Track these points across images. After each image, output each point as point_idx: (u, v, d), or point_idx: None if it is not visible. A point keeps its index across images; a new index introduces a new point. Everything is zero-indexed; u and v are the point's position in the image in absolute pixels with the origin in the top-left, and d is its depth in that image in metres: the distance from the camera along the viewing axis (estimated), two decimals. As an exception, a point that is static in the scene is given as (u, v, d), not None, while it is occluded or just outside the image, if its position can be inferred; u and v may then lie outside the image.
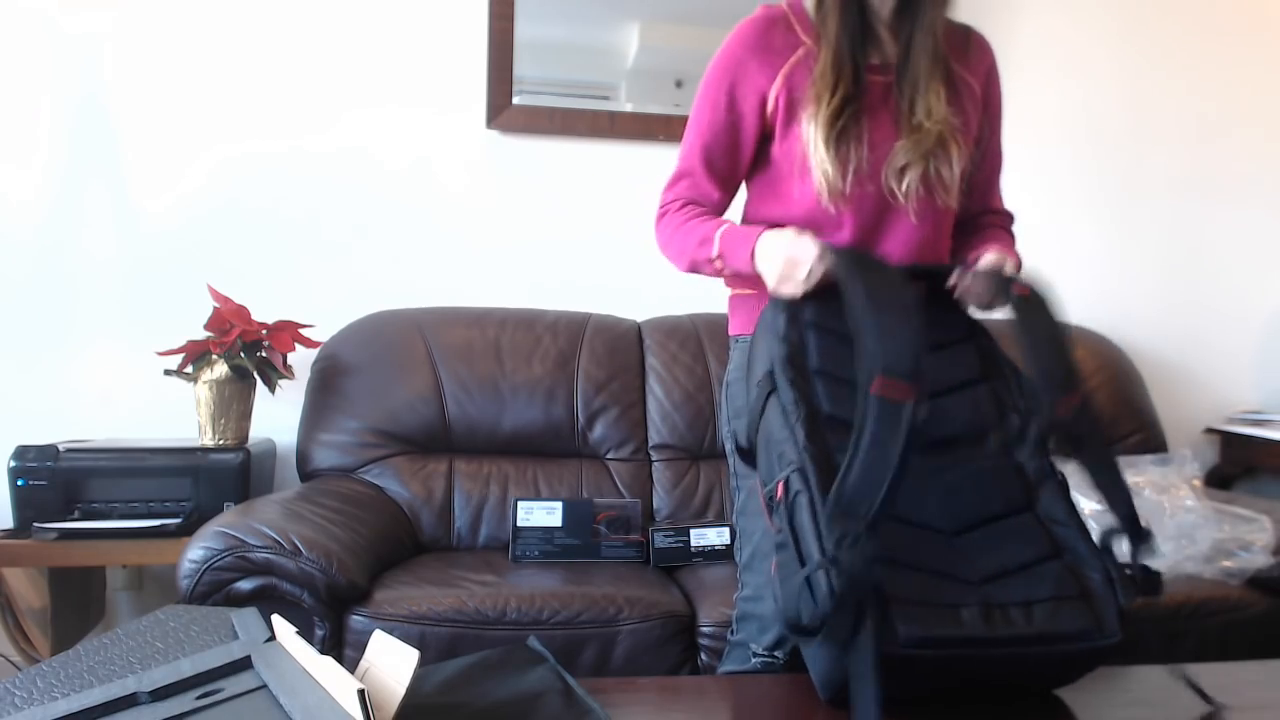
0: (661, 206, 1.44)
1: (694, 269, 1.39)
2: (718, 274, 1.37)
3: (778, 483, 1.04)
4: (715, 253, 1.32)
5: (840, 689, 0.99)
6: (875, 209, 1.33)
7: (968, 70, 1.39)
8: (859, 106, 1.30)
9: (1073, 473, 1.11)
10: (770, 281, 1.24)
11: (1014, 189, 1.57)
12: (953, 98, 1.35)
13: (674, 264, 1.43)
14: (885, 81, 1.34)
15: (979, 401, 1.17)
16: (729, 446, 1.43)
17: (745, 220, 1.44)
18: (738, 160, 1.39)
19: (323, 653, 0.80)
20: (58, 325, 2.34)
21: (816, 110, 1.29)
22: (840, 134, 1.29)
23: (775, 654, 1.34)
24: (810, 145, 1.30)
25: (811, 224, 1.32)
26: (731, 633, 1.44)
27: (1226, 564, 1.92)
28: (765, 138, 1.37)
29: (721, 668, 1.44)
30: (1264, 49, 2.88)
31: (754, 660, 1.36)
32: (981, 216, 1.49)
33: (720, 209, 1.42)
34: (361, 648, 0.91)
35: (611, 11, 2.54)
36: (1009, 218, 1.52)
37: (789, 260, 1.21)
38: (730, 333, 1.48)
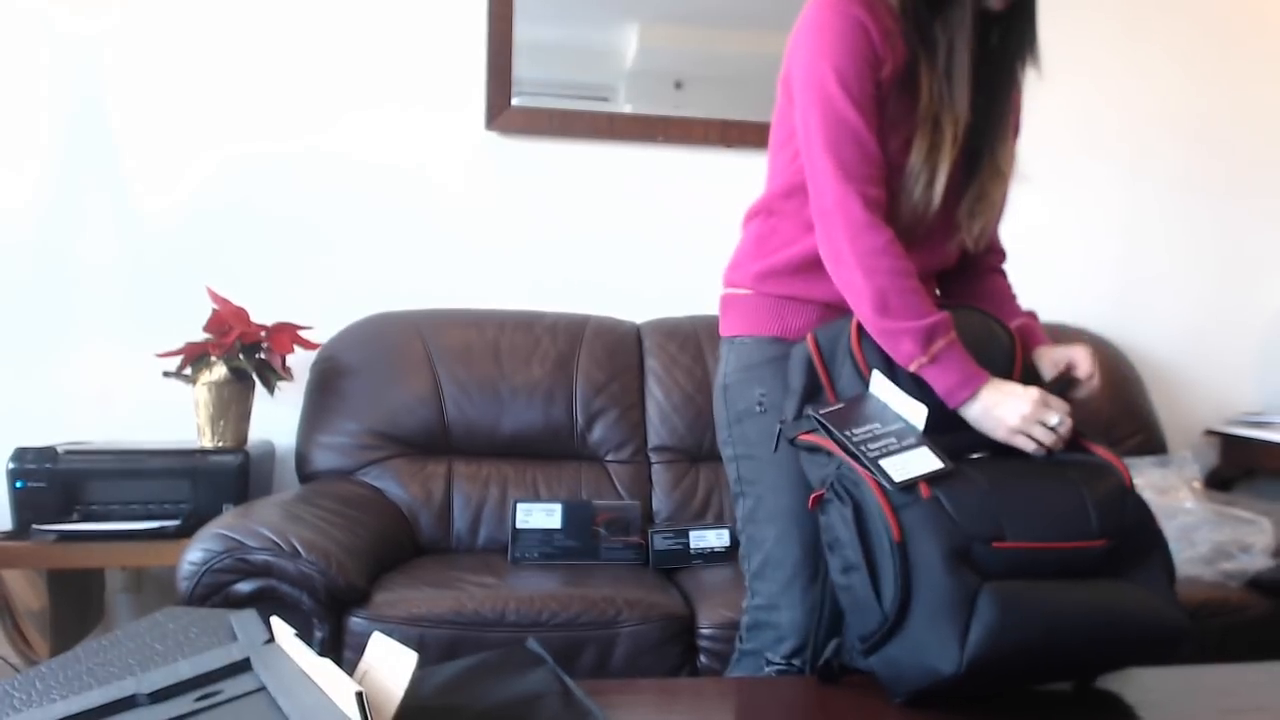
0: (865, 210, 1.22)
1: (875, 325, 1.22)
2: (890, 349, 1.22)
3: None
4: (929, 357, 1.19)
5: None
6: (926, 231, 1.31)
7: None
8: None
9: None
10: (994, 430, 1.19)
11: (1016, 190, 1.56)
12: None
13: (847, 286, 1.24)
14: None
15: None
16: (729, 452, 1.39)
17: (768, 210, 1.37)
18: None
19: (321, 655, 0.80)
20: (57, 327, 2.34)
21: (931, 154, 1.25)
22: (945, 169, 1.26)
23: (793, 662, 1.32)
24: (918, 183, 1.26)
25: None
26: (740, 640, 1.41)
27: (1226, 566, 1.92)
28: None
29: (730, 673, 1.41)
30: (1265, 48, 2.89)
31: (769, 669, 1.34)
32: (985, 255, 1.44)
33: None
34: (360, 650, 0.91)
35: (611, 12, 2.54)
36: (1003, 257, 1.48)
37: (1030, 417, 1.17)
38: (722, 333, 1.43)
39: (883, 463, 1.12)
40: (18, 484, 1.95)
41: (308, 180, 2.44)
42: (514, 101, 2.50)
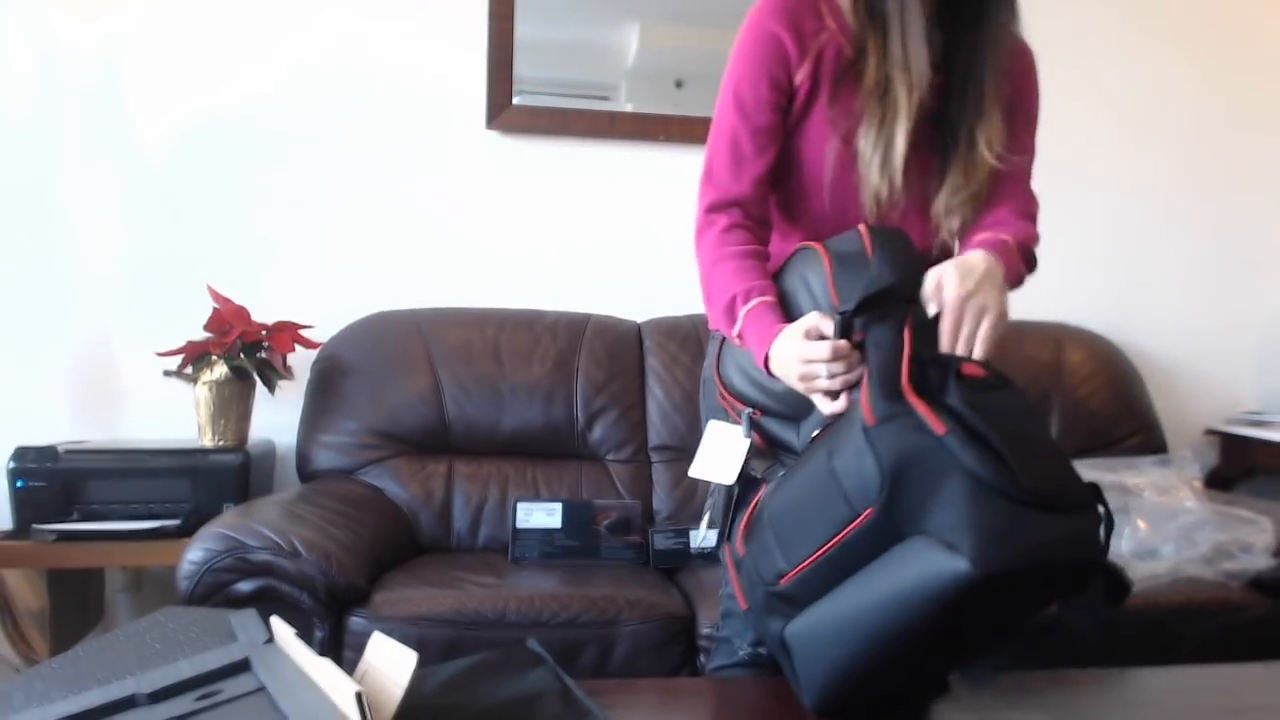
0: (703, 214, 1.29)
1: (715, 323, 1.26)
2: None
3: None
4: (736, 332, 1.19)
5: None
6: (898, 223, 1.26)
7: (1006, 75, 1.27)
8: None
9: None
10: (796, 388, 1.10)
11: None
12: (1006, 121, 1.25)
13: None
14: (934, 85, 1.23)
15: None
16: None
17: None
18: (776, 146, 1.27)
19: (322, 654, 0.80)
20: (57, 325, 2.33)
21: (883, 128, 1.20)
22: (906, 158, 1.21)
23: (759, 650, 1.34)
24: (872, 166, 1.21)
25: (822, 234, 1.25)
26: (718, 629, 1.43)
27: (1227, 566, 1.92)
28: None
29: (710, 663, 1.43)
30: (1265, 48, 2.88)
31: (741, 654, 1.35)
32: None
33: (762, 212, 1.29)
34: (361, 649, 0.91)
35: (611, 11, 2.54)
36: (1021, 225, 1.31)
37: (802, 375, 1.05)
38: (710, 326, 1.41)
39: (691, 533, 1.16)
40: (18, 483, 1.95)
41: (309, 179, 2.44)
42: (515, 100, 2.50)
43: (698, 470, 1.18)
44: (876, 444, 0.92)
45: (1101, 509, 0.94)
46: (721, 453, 1.16)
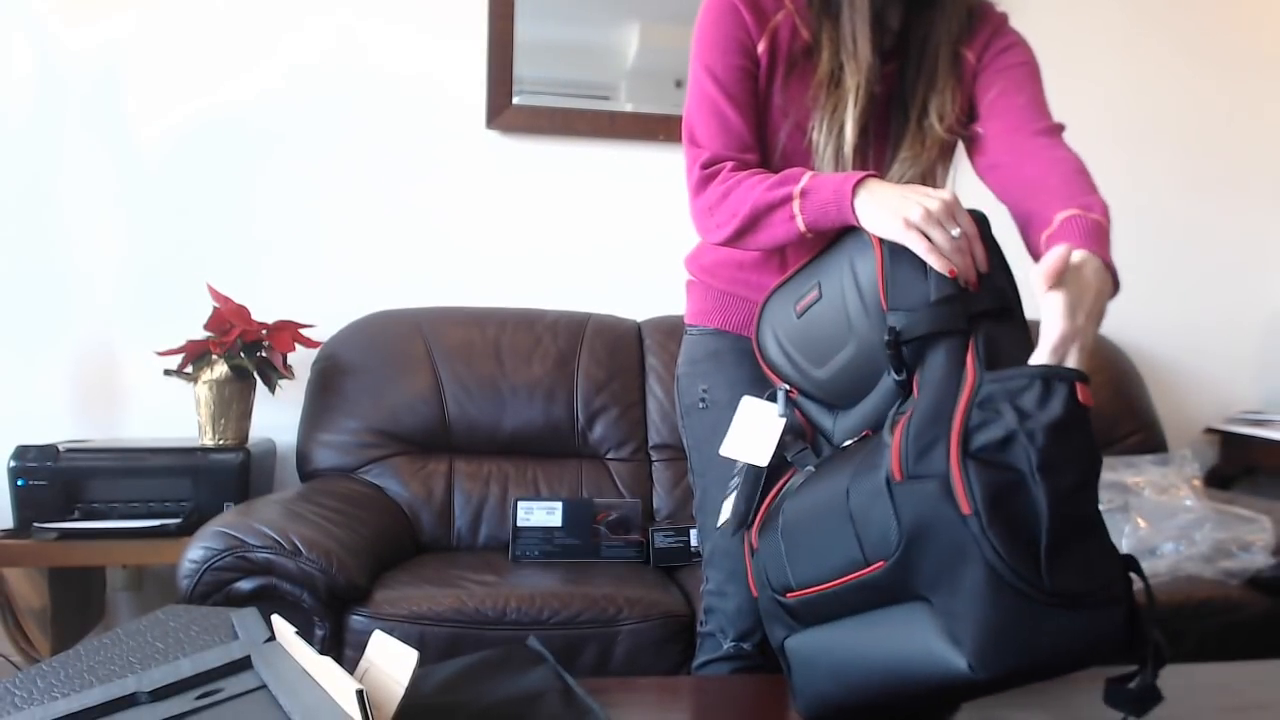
0: (699, 170, 1.20)
1: (750, 222, 1.15)
2: (782, 232, 1.13)
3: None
4: (800, 188, 1.09)
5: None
6: None
7: (967, 46, 1.25)
8: (872, 112, 1.21)
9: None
10: (887, 222, 0.99)
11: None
12: (962, 95, 1.24)
13: (718, 228, 1.20)
14: (891, 71, 1.23)
15: None
16: (684, 441, 1.42)
17: None
18: (755, 114, 1.22)
19: (322, 653, 0.80)
20: (58, 325, 2.34)
21: (834, 117, 1.19)
22: (855, 150, 1.20)
23: (743, 645, 1.34)
24: (825, 158, 1.20)
25: None
26: (701, 624, 1.43)
27: (1226, 564, 1.92)
28: None
29: (697, 659, 1.43)
30: (1265, 48, 2.88)
31: (725, 647, 1.35)
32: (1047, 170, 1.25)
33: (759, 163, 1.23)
34: (361, 648, 0.91)
35: (611, 11, 2.54)
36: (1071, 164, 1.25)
37: (930, 205, 0.97)
38: (685, 321, 1.43)
39: (723, 504, 1.12)
40: (19, 482, 1.95)
41: (309, 178, 2.44)
42: (515, 100, 2.50)
43: (729, 449, 1.12)
44: (898, 500, 0.83)
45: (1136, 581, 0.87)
46: (755, 431, 1.10)
